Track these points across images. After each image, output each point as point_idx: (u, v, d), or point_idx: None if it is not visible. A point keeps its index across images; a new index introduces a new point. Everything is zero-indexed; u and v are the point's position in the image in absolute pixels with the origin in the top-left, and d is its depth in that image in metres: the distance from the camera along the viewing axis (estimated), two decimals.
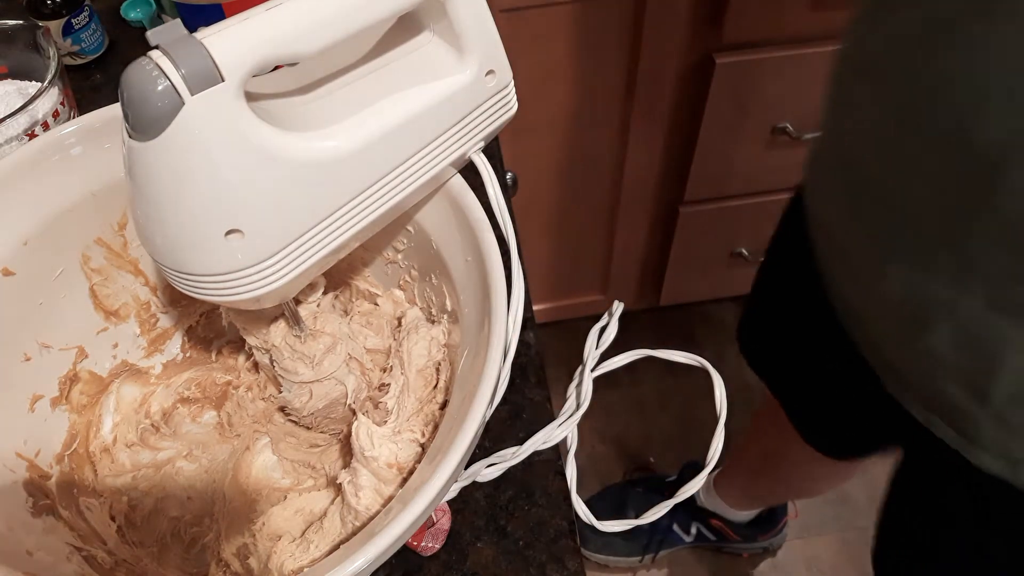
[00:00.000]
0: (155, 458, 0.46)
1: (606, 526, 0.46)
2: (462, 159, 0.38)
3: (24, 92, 0.55)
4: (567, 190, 1.15)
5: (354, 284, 0.47)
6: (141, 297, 0.47)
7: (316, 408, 0.43)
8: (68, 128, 0.41)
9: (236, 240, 0.30)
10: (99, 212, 0.43)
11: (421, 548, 0.43)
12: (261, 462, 0.46)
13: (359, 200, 0.33)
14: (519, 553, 0.43)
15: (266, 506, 0.44)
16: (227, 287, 0.31)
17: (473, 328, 0.37)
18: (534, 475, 0.46)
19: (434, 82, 0.35)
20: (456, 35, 0.35)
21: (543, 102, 1.01)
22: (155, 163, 0.28)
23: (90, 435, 0.44)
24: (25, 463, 0.40)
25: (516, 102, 0.38)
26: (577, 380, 0.47)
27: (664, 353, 0.50)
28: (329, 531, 0.39)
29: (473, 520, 0.44)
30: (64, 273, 0.43)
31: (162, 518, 0.44)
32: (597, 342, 0.48)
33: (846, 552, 1.28)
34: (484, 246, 0.37)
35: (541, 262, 1.26)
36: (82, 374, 0.45)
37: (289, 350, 0.41)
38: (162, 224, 0.30)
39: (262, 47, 0.28)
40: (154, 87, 0.26)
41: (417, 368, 0.41)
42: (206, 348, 0.50)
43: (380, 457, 0.38)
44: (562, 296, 1.40)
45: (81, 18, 0.67)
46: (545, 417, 0.48)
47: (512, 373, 0.38)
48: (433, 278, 0.42)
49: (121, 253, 0.45)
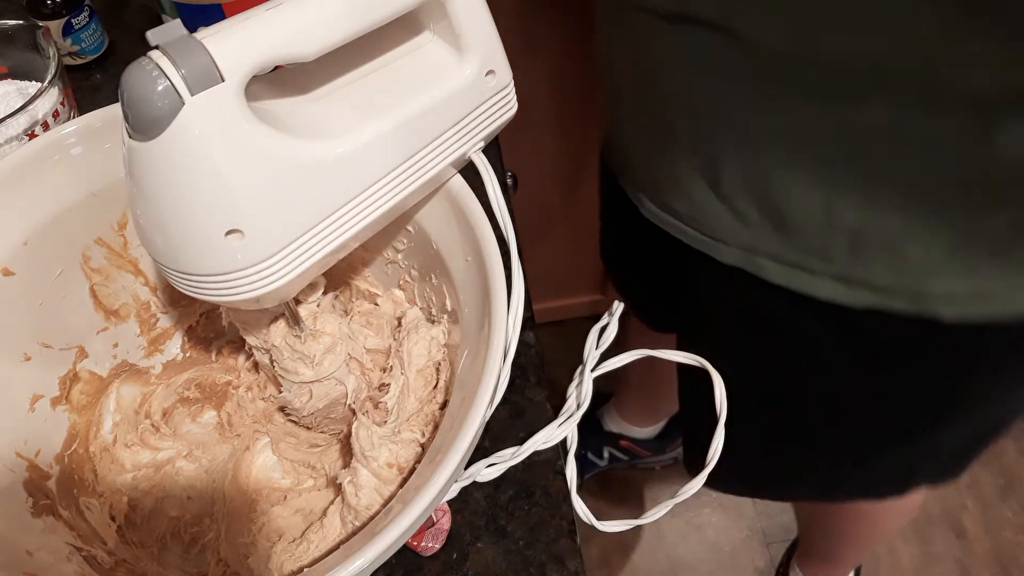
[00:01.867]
0: (155, 458, 0.46)
1: (606, 526, 0.46)
2: (462, 159, 0.38)
3: (24, 92, 0.55)
4: (567, 190, 1.15)
5: (354, 284, 0.47)
6: (141, 297, 0.47)
7: (316, 408, 0.43)
8: (68, 128, 0.41)
9: (236, 240, 0.30)
10: (99, 212, 0.43)
11: (421, 548, 0.43)
12: (261, 462, 0.46)
13: (359, 200, 0.33)
14: (519, 553, 0.43)
15: (266, 506, 0.44)
16: (227, 287, 0.31)
17: (473, 328, 0.37)
18: (534, 475, 0.46)
19: (434, 82, 0.35)
20: (456, 35, 0.35)
21: (543, 102, 1.01)
22: (155, 163, 0.28)
23: (90, 435, 0.44)
24: (25, 463, 0.40)
25: (516, 102, 0.38)
26: (577, 380, 0.47)
27: (664, 353, 0.50)
28: (329, 531, 0.39)
29: (473, 520, 0.44)
30: (64, 273, 0.43)
31: (162, 518, 0.44)
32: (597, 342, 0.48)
33: None
34: (484, 246, 0.37)
35: (541, 262, 1.26)
36: (82, 374, 0.45)
37: (289, 350, 0.41)
38: (162, 224, 0.30)
39: (262, 47, 0.28)
40: (154, 87, 0.26)
41: (417, 368, 0.41)
42: (206, 348, 0.50)
43: (380, 457, 0.38)
44: (562, 296, 1.40)
45: (81, 18, 0.67)
46: (545, 417, 0.48)
47: (512, 373, 0.38)
48: (433, 278, 0.42)
49: (121, 253, 0.45)
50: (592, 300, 1.43)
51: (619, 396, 1.28)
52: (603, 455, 1.31)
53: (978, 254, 0.44)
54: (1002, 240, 0.43)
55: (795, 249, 0.49)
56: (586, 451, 1.31)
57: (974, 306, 0.46)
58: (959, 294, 0.46)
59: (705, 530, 1.31)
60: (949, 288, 0.46)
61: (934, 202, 0.43)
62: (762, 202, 0.48)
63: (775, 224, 0.48)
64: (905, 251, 0.45)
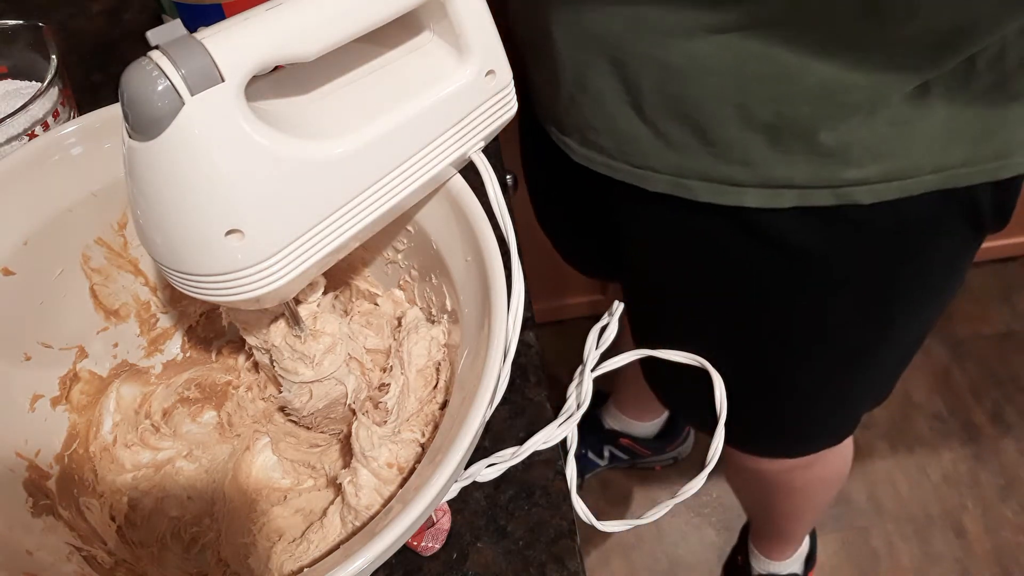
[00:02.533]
0: (155, 458, 0.46)
1: (606, 526, 0.46)
2: (462, 159, 0.38)
3: (24, 92, 0.55)
4: None
5: (354, 284, 0.47)
6: (141, 297, 0.47)
7: (316, 408, 0.43)
8: (68, 128, 0.41)
9: (236, 240, 0.30)
10: (99, 212, 0.43)
11: (421, 548, 0.43)
12: (261, 462, 0.46)
13: (359, 200, 0.33)
14: (519, 553, 0.43)
15: (266, 506, 0.44)
16: (227, 287, 0.31)
17: (473, 328, 0.37)
18: (534, 475, 0.46)
19: (434, 82, 0.35)
20: (456, 35, 0.35)
21: None
22: (155, 163, 0.28)
23: (90, 435, 0.44)
24: (25, 463, 0.40)
25: (516, 102, 0.38)
26: (577, 380, 0.47)
27: (664, 353, 0.50)
28: (329, 531, 0.39)
29: (473, 520, 0.44)
30: (64, 273, 0.43)
31: (162, 518, 0.44)
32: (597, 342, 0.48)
33: (845, 552, 1.28)
34: (484, 246, 0.37)
35: (541, 262, 1.26)
36: (82, 374, 0.45)
37: (289, 350, 0.41)
38: (162, 224, 0.30)
39: (262, 47, 0.28)
40: (154, 87, 0.26)
41: (417, 368, 0.41)
42: (206, 348, 0.50)
43: (380, 457, 0.38)
44: (562, 296, 1.41)
45: None
46: (545, 417, 0.48)
47: (512, 373, 0.38)
48: (433, 278, 0.42)
49: (121, 253, 0.45)
50: (592, 300, 1.43)
51: (617, 391, 1.28)
52: (603, 454, 1.32)
53: (882, 134, 0.47)
54: (902, 118, 0.46)
55: (720, 162, 0.50)
56: (586, 450, 1.32)
57: (887, 188, 0.49)
58: (872, 177, 0.49)
59: (705, 530, 1.31)
60: (863, 174, 0.49)
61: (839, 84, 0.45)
62: (682, 117, 0.50)
63: (699, 139, 0.50)
64: (819, 140, 0.47)
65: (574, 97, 0.55)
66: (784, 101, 0.46)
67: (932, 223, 0.53)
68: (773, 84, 0.46)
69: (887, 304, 0.58)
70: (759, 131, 0.48)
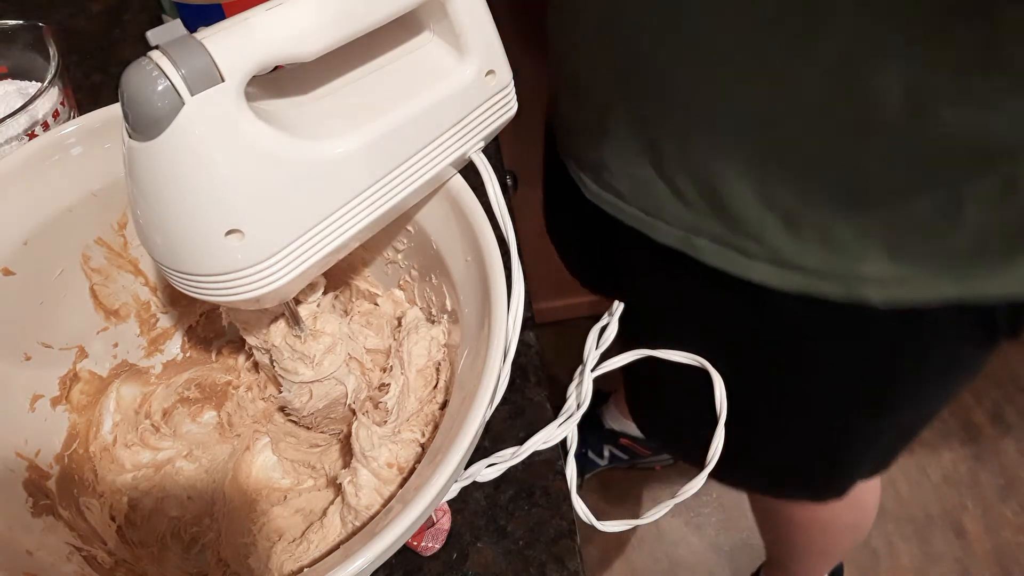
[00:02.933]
0: (155, 458, 0.46)
1: (606, 526, 0.46)
2: (462, 159, 0.38)
3: (24, 92, 0.55)
4: None
5: (354, 284, 0.47)
6: (141, 297, 0.47)
7: (316, 408, 0.43)
8: (68, 128, 0.41)
9: (236, 240, 0.30)
10: (99, 212, 0.43)
11: (421, 548, 0.43)
12: (261, 462, 0.46)
13: (359, 200, 0.33)
14: (519, 553, 0.43)
15: (266, 506, 0.44)
16: (227, 287, 0.31)
17: (473, 328, 0.37)
18: (534, 475, 0.46)
19: (434, 82, 0.35)
20: (456, 35, 0.35)
21: (543, 102, 1.01)
22: (155, 163, 0.28)
23: (90, 435, 0.44)
24: (25, 463, 0.40)
25: (516, 102, 0.38)
26: (577, 380, 0.47)
27: (664, 353, 0.50)
28: (329, 531, 0.39)
29: (473, 520, 0.44)
30: (64, 273, 0.43)
31: (162, 518, 0.44)
32: (597, 342, 0.48)
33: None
34: (484, 246, 0.37)
35: (541, 262, 1.26)
36: (82, 374, 0.45)
37: (289, 350, 0.41)
38: (162, 224, 0.30)
39: (262, 47, 0.28)
40: (154, 87, 0.26)
41: (417, 368, 0.41)
42: (206, 348, 0.50)
43: (380, 457, 0.38)
44: (562, 296, 1.40)
45: None
46: (545, 417, 0.48)
47: (512, 373, 0.38)
48: (433, 278, 0.42)
49: (121, 253, 0.45)
50: (592, 300, 1.42)
51: (618, 391, 1.28)
52: (603, 454, 1.32)
53: (905, 238, 0.45)
54: (928, 224, 0.44)
55: (732, 231, 0.49)
56: (586, 450, 1.31)
57: (901, 290, 0.47)
58: (887, 278, 0.46)
59: (705, 530, 1.31)
60: (878, 272, 0.46)
61: (864, 185, 0.43)
62: (701, 183, 0.49)
63: (714, 205, 0.49)
64: (836, 233, 0.46)
65: (594, 136, 0.55)
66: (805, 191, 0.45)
67: (944, 329, 0.51)
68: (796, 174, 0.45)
69: (888, 394, 0.57)
70: (776, 212, 0.47)
